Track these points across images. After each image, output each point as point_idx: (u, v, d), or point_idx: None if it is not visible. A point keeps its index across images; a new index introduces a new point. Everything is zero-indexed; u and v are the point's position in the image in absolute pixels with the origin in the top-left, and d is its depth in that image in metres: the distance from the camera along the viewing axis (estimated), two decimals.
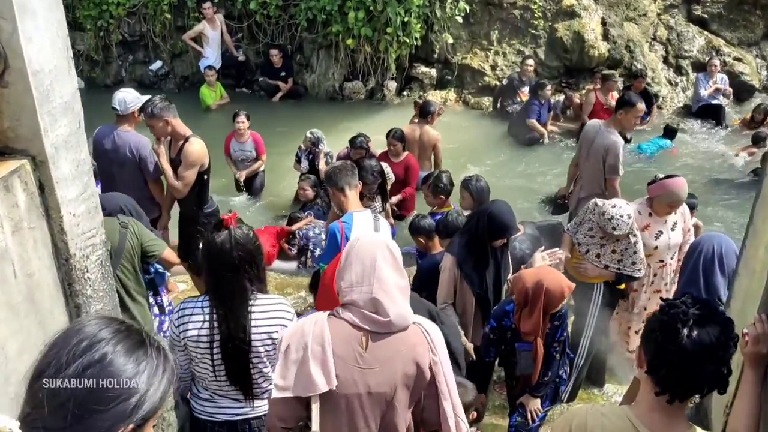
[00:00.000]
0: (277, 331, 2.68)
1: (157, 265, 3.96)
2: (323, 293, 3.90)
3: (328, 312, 2.31)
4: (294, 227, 7.12)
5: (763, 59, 11.86)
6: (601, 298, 4.69)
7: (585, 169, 5.84)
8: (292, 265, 6.96)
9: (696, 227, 6.81)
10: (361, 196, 4.88)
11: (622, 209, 4.32)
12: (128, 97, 5.28)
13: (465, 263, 4.00)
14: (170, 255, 4.05)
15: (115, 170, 5.31)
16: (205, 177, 5.12)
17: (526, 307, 3.67)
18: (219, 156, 8.70)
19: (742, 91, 11.04)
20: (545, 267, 3.97)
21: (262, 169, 8.22)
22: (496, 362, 4.19)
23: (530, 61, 10.42)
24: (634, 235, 4.43)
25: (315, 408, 2.17)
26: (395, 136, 7.34)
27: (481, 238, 3.96)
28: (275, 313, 2.72)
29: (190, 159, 4.93)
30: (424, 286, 4.45)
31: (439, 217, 5.12)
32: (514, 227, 4.00)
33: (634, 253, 4.43)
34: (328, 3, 10.41)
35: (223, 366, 2.71)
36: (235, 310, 2.65)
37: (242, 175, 8.03)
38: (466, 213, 5.12)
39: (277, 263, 6.99)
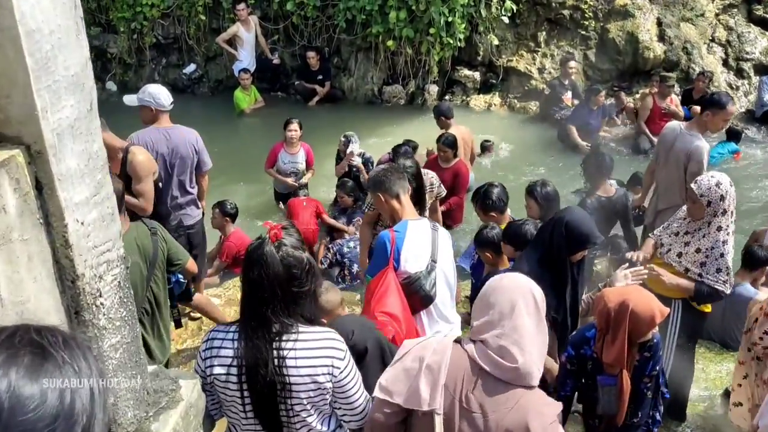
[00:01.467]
0: (324, 374, 2.15)
1: (179, 275, 3.59)
2: (367, 308, 3.43)
3: (455, 337, 2.21)
4: (331, 221, 6.94)
5: None
6: (681, 319, 4.09)
7: (662, 178, 5.25)
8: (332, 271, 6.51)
9: None
10: None
11: (715, 176, 3.78)
12: (164, 91, 4.87)
13: (540, 284, 3.41)
14: (192, 265, 3.64)
15: (173, 172, 4.85)
16: (159, 185, 4.55)
17: (609, 332, 3.11)
18: (252, 164, 8.28)
19: None
20: (632, 286, 3.40)
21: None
22: (575, 398, 3.60)
23: (572, 63, 9.80)
24: (728, 234, 3.81)
25: (438, 421, 2.04)
26: (445, 143, 6.85)
27: (559, 252, 3.36)
28: (320, 352, 2.17)
29: (141, 171, 4.26)
30: None
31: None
32: (597, 236, 3.42)
33: (721, 256, 3.80)
34: (368, 3, 9.95)
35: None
36: (254, 340, 2.14)
37: (296, 183, 7.42)
38: None
39: None
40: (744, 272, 5.11)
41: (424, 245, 3.53)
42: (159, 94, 4.81)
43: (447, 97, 10.80)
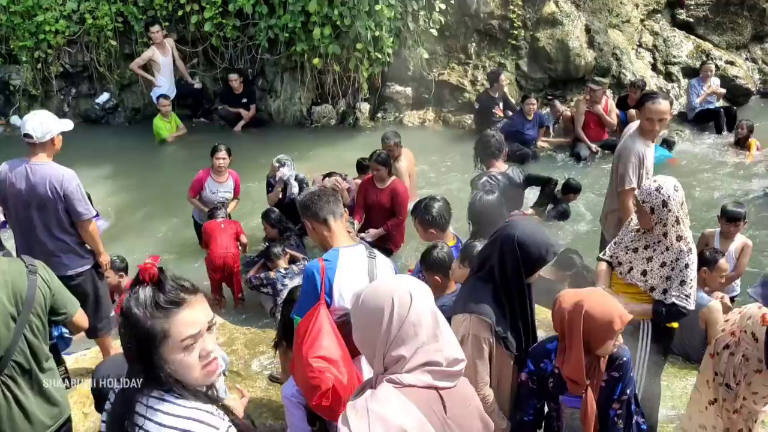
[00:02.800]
0: None
1: (64, 329, 3.00)
2: (297, 353, 2.94)
3: (384, 383, 1.81)
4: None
5: (754, 62, 11.28)
6: (651, 339, 3.71)
7: (611, 180, 5.03)
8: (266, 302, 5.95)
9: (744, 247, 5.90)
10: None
11: (657, 180, 3.45)
12: (46, 121, 4.21)
13: (500, 323, 2.79)
14: (81, 318, 3.04)
15: (33, 214, 4.24)
16: None
17: (565, 340, 2.74)
18: (176, 195, 7.63)
19: (738, 95, 10.37)
20: (592, 288, 2.99)
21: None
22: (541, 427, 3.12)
23: (503, 77, 9.52)
24: (689, 242, 3.45)
25: None
26: (378, 160, 6.42)
27: (515, 277, 2.81)
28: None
29: None
30: None
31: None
32: (554, 244, 2.91)
33: (686, 266, 3.42)
34: (290, 20, 9.47)
35: None
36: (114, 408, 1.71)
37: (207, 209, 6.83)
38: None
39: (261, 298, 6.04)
40: None
41: (361, 275, 3.03)
42: (23, 121, 4.22)
43: (379, 115, 10.41)
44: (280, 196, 6.89)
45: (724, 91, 9.94)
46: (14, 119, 10.38)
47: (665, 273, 3.45)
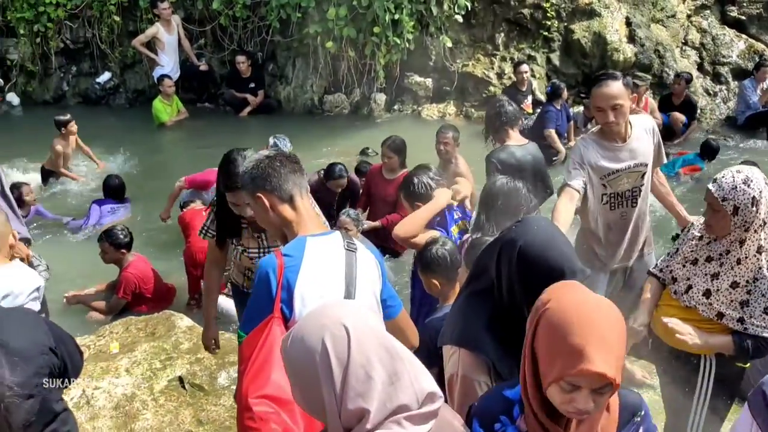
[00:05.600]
0: None
1: None
2: (238, 388, 2.17)
3: None
4: None
5: None
6: (714, 381, 2.81)
7: None
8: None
9: None
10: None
11: (742, 171, 2.52)
12: None
13: (502, 361, 1.89)
14: None
15: None
16: None
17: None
18: (172, 183, 6.87)
19: None
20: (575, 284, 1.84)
21: None
22: None
23: (524, 67, 8.74)
24: None
25: None
26: (392, 146, 5.66)
27: (510, 296, 1.87)
28: None
29: None
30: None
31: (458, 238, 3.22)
32: (574, 264, 1.86)
33: None
34: None
35: None
36: None
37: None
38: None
39: (223, 300, 5.12)
40: None
41: (334, 275, 2.17)
42: None
43: (396, 107, 9.63)
44: None
45: None
46: (11, 96, 9.84)
47: (739, 296, 2.56)
